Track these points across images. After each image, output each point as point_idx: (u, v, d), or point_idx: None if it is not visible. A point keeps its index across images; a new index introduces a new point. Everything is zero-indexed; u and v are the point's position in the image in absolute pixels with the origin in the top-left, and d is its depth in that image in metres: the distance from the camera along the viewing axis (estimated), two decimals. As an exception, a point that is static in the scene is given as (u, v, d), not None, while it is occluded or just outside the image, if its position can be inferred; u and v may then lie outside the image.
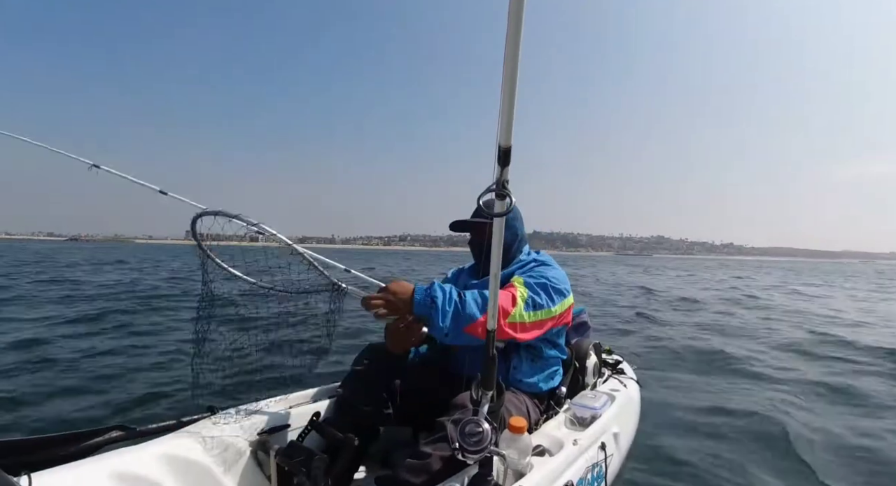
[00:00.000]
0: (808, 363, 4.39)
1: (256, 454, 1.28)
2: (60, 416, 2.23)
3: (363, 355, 1.52)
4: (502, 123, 0.63)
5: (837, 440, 2.54)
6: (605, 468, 1.52)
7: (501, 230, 0.84)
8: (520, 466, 1.17)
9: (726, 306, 9.46)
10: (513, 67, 0.55)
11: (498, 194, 0.70)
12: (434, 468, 1.16)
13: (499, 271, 0.89)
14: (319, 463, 1.15)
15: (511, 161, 0.67)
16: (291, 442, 1.25)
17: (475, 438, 1.04)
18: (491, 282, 0.92)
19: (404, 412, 1.50)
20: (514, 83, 0.57)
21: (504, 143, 0.65)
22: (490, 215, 0.73)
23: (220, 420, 1.29)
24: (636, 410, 2.11)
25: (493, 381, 1.10)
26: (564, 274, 1.60)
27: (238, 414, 1.33)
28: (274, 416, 1.37)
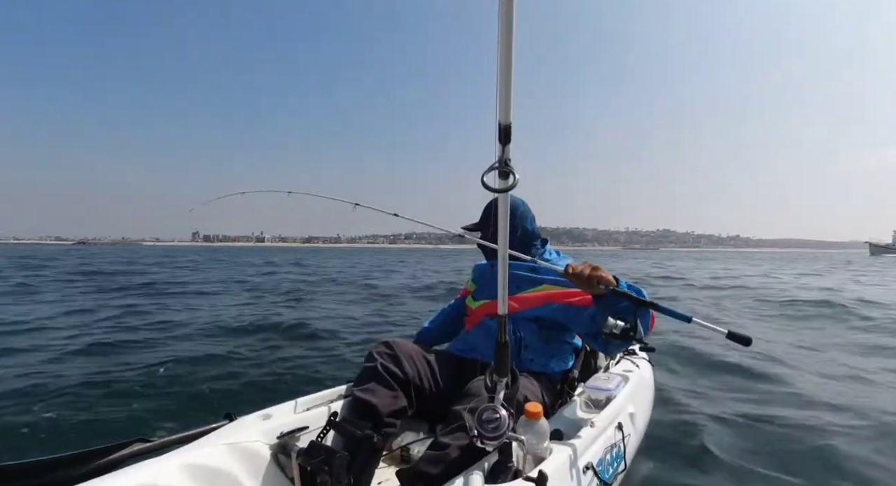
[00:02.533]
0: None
1: (277, 457, 1.29)
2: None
3: (374, 351, 1.53)
4: (500, 101, 0.63)
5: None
6: (623, 448, 1.53)
7: (507, 207, 0.84)
8: (539, 451, 1.18)
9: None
10: (507, 42, 0.55)
11: (501, 172, 0.71)
12: (453, 457, 1.16)
13: (506, 251, 0.89)
14: (341, 461, 1.16)
15: (512, 139, 0.67)
16: (311, 442, 1.25)
17: (493, 425, 1.04)
18: (499, 263, 0.92)
19: (420, 404, 1.51)
20: (509, 58, 0.56)
21: (503, 120, 0.65)
22: (494, 191, 0.74)
23: (238, 427, 1.29)
24: (650, 389, 2.12)
25: (507, 367, 1.11)
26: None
27: (256, 419, 1.33)
28: (292, 418, 1.38)
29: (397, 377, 1.47)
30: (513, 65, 0.58)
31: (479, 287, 1.85)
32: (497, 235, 0.89)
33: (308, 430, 1.36)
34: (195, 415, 2.40)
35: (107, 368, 3.26)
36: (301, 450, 1.22)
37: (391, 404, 1.43)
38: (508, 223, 0.87)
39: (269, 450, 1.27)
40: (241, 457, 1.21)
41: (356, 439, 1.26)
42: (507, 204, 0.84)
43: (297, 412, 1.42)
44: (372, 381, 1.45)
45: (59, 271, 13.51)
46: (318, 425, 1.36)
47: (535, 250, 1.81)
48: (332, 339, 4.50)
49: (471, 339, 1.73)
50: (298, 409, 1.45)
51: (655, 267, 21.15)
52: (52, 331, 4.72)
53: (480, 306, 1.77)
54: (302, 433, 1.35)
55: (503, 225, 0.86)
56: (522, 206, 1.82)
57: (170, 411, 2.50)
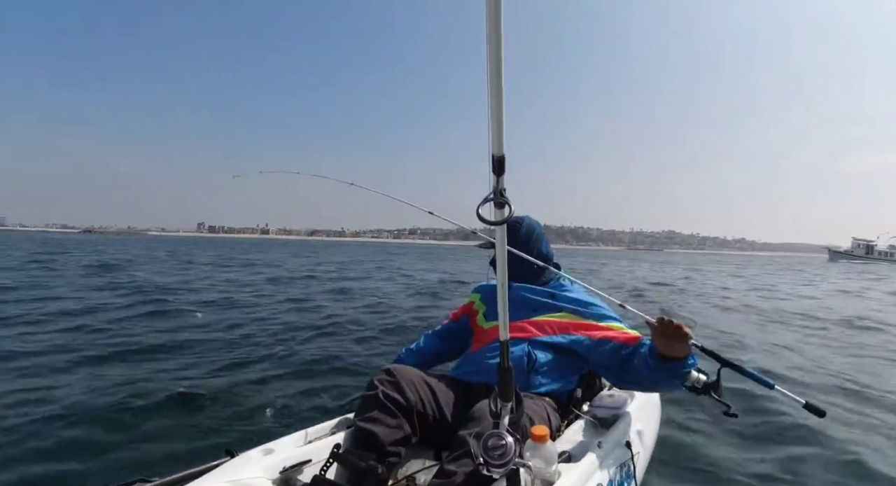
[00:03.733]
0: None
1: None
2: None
3: (375, 379, 1.51)
4: (493, 133, 0.63)
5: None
6: (633, 466, 1.51)
7: (504, 239, 0.84)
8: (547, 475, 1.16)
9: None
10: (497, 73, 0.55)
11: (496, 203, 0.71)
12: (459, 483, 1.14)
13: (506, 280, 0.89)
14: (345, 495, 1.13)
15: (506, 170, 0.67)
16: (315, 477, 1.22)
17: (499, 451, 1.03)
18: (499, 291, 0.92)
19: (424, 430, 1.49)
20: (500, 91, 0.57)
21: (497, 152, 0.65)
22: (490, 223, 0.74)
23: (240, 463, 1.27)
24: (657, 406, 2.10)
25: (511, 392, 1.10)
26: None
27: (257, 454, 1.31)
28: (293, 452, 1.35)
29: (399, 405, 1.45)
30: (504, 97, 0.58)
31: (493, 308, 1.83)
32: (512, 257, 0.89)
33: (311, 463, 1.34)
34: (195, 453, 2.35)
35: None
36: (304, 485, 1.20)
37: (394, 432, 1.41)
38: (522, 247, 0.88)
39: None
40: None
41: (360, 471, 1.24)
42: (504, 235, 0.84)
43: (298, 446, 1.40)
44: (374, 409, 1.43)
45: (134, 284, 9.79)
46: (320, 457, 1.33)
47: (549, 274, 1.86)
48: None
49: (476, 360, 1.71)
50: (300, 442, 1.42)
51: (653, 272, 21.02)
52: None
53: (493, 327, 1.76)
54: (305, 467, 1.32)
55: (501, 256, 0.86)
56: (538, 229, 1.89)
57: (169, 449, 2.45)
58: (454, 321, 2.00)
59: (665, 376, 1.41)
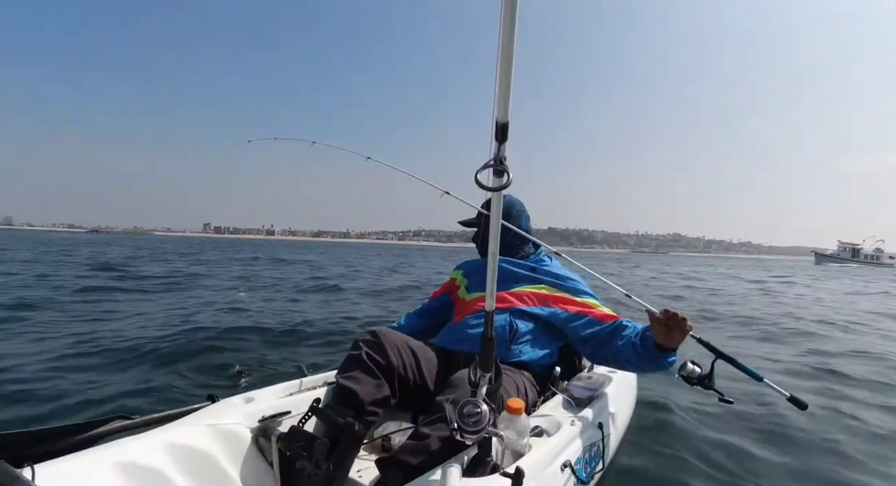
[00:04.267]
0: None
1: (258, 440, 1.29)
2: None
3: (360, 340, 1.53)
4: (499, 98, 0.62)
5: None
6: (602, 447, 1.54)
7: (500, 206, 0.84)
8: (518, 446, 1.18)
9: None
10: (509, 39, 0.54)
11: (495, 170, 0.70)
12: (433, 448, 1.17)
13: (496, 249, 0.89)
14: (321, 447, 1.16)
15: (509, 137, 0.66)
16: (292, 428, 1.25)
17: (473, 419, 1.05)
18: (489, 259, 0.92)
19: (403, 394, 1.52)
20: (510, 55, 0.56)
21: (501, 118, 0.64)
22: (488, 189, 0.73)
23: (221, 408, 1.29)
24: (633, 391, 2.14)
25: (491, 363, 1.11)
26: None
27: (239, 402, 1.33)
28: (274, 403, 1.38)
29: (381, 366, 1.47)
30: (514, 61, 0.57)
31: (475, 280, 1.88)
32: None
33: (290, 415, 1.36)
34: (178, 395, 2.39)
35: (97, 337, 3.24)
36: (282, 435, 1.22)
37: (374, 392, 1.43)
38: (501, 221, 0.88)
39: (250, 433, 1.27)
40: (222, 439, 1.21)
41: (337, 426, 1.26)
42: (501, 202, 0.84)
43: (279, 397, 1.42)
44: (356, 369, 1.45)
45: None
46: (300, 410, 1.36)
47: (528, 249, 1.93)
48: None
49: (459, 330, 1.73)
50: (282, 394, 1.45)
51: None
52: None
53: (475, 298, 1.80)
54: (284, 418, 1.35)
55: (495, 223, 0.86)
56: (518, 205, 1.93)
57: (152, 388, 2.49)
58: (434, 300, 2.04)
59: (649, 364, 1.48)
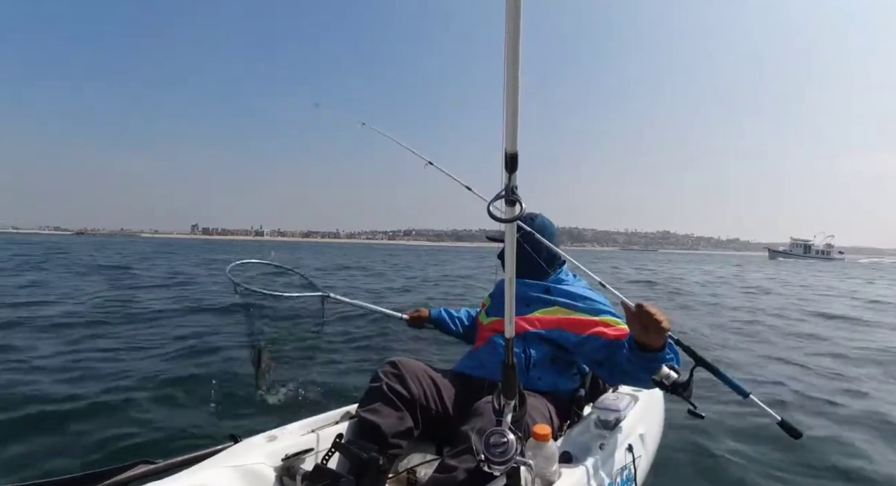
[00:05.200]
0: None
1: (282, 479, 1.27)
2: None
3: (380, 371, 1.51)
4: (507, 130, 0.63)
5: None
6: (634, 470, 1.50)
7: (514, 236, 0.83)
8: (548, 474, 1.16)
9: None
10: (514, 72, 0.55)
11: (508, 201, 0.71)
12: (460, 480, 1.15)
13: (513, 276, 0.89)
14: (346, 485, 1.14)
15: (519, 166, 0.67)
16: (316, 466, 1.24)
17: (500, 448, 1.03)
18: (506, 287, 0.92)
19: (426, 424, 1.49)
20: (516, 88, 0.57)
21: (510, 149, 0.65)
22: (500, 221, 0.74)
23: (243, 449, 1.28)
24: (661, 409, 2.09)
25: (514, 389, 1.09)
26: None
27: (261, 441, 1.32)
28: (297, 441, 1.36)
29: (403, 397, 1.45)
30: (520, 94, 0.58)
31: (494, 304, 1.85)
32: (520, 255, 0.90)
33: (313, 452, 1.35)
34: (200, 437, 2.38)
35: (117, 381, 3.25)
36: (306, 474, 1.21)
37: (397, 424, 1.41)
38: (525, 248, 0.88)
39: (273, 472, 1.26)
40: (247, 480, 1.20)
41: (361, 461, 1.25)
42: (514, 233, 0.84)
43: (302, 434, 1.41)
44: (377, 401, 1.44)
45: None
46: (323, 447, 1.34)
47: (553, 269, 1.83)
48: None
49: (478, 356, 1.71)
50: (304, 430, 1.43)
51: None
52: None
53: (491, 322, 1.77)
54: (307, 455, 1.33)
55: (510, 254, 0.86)
56: (550, 227, 1.87)
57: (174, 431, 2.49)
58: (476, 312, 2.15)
59: (637, 368, 1.36)
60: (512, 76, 0.56)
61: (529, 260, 1.76)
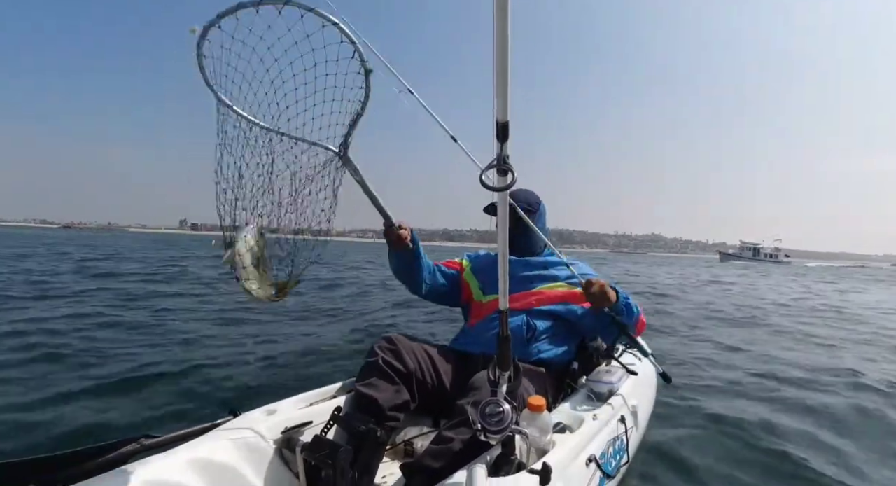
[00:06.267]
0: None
1: (282, 451, 1.30)
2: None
3: (376, 346, 1.53)
4: (497, 98, 0.63)
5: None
6: (626, 440, 1.54)
7: (506, 205, 0.84)
8: (542, 443, 1.18)
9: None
10: (503, 39, 0.54)
11: (499, 170, 0.71)
12: (456, 450, 1.17)
13: (506, 249, 0.89)
14: (345, 455, 1.16)
15: (510, 136, 0.67)
16: (315, 437, 1.26)
17: (496, 418, 1.05)
18: (500, 259, 0.92)
19: (422, 398, 1.52)
20: (505, 55, 0.56)
21: (501, 118, 0.65)
22: (493, 189, 0.74)
23: (243, 422, 1.30)
24: (653, 382, 2.13)
25: (509, 361, 1.11)
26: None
27: (260, 414, 1.34)
28: (295, 414, 1.38)
29: (399, 371, 1.48)
30: (510, 62, 0.58)
31: (489, 281, 1.86)
32: (516, 229, 0.90)
33: (312, 425, 1.37)
34: (200, 411, 2.41)
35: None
36: (305, 445, 1.23)
37: (393, 398, 1.44)
38: (515, 219, 0.88)
39: (273, 445, 1.28)
40: (247, 452, 1.23)
41: (359, 433, 1.27)
42: (507, 202, 0.84)
43: (300, 408, 1.43)
44: (374, 376, 1.45)
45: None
46: (321, 420, 1.37)
47: (545, 247, 1.94)
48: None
49: (476, 333, 1.74)
50: (302, 404, 1.45)
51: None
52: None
53: (491, 300, 1.79)
54: (306, 428, 1.35)
55: (503, 223, 0.86)
56: (541, 206, 1.94)
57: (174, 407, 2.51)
58: (448, 270, 1.95)
59: (611, 324, 1.68)
60: (501, 45, 0.55)
61: (530, 238, 1.86)
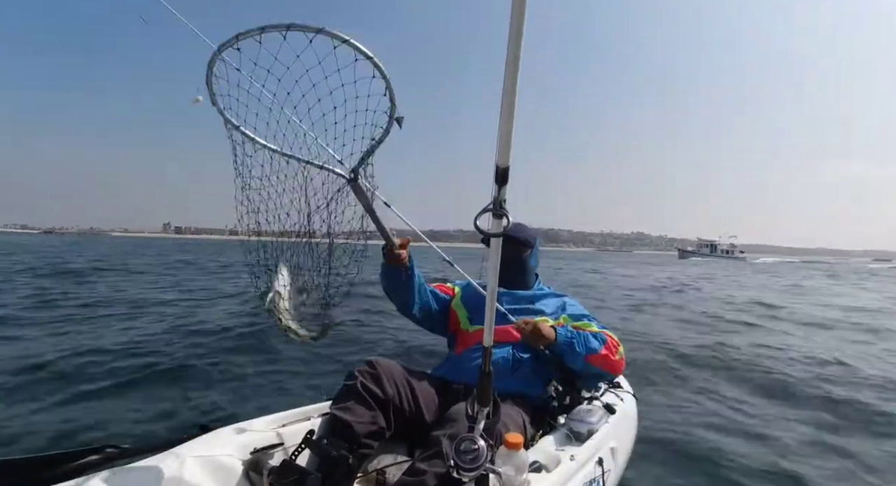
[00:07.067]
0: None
1: (249, 474, 1.26)
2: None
3: (356, 370, 1.51)
4: (500, 144, 0.63)
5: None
6: (602, 483, 1.51)
7: (499, 249, 0.84)
8: (516, 483, 1.16)
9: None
10: (512, 87, 0.55)
11: (495, 214, 0.71)
12: (428, 485, 1.15)
13: (496, 287, 0.89)
14: (313, 482, 1.13)
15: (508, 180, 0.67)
16: (284, 461, 1.22)
17: (471, 455, 1.03)
18: (488, 298, 0.92)
19: (399, 425, 1.49)
20: (512, 103, 0.57)
21: (502, 163, 0.65)
22: (487, 235, 0.74)
23: (212, 439, 1.26)
24: (633, 424, 2.10)
25: (489, 397, 1.10)
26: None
27: (230, 432, 1.30)
28: (267, 434, 1.35)
29: (377, 397, 1.45)
30: (515, 110, 0.58)
31: (476, 313, 1.87)
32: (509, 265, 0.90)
33: (282, 447, 1.34)
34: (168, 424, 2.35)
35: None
36: (273, 469, 1.20)
37: (369, 424, 1.41)
38: (498, 262, 0.88)
39: (241, 465, 1.24)
40: (213, 471, 1.19)
41: (331, 459, 1.24)
42: (499, 247, 0.84)
43: (273, 428, 1.39)
44: (350, 399, 1.42)
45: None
46: (293, 442, 1.33)
47: (533, 281, 1.99)
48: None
49: (460, 362, 1.72)
50: (274, 424, 1.42)
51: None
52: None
53: (476, 330, 1.79)
54: (276, 450, 1.32)
55: (494, 266, 0.86)
56: (537, 242, 1.97)
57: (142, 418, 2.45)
58: (440, 294, 1.95)
59: (559, 364, 1.69)
60: (510, 92, 0.56)
61: (522, 273, 1.91)
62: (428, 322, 1.92)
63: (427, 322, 1.91)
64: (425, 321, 1.91)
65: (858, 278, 22.28)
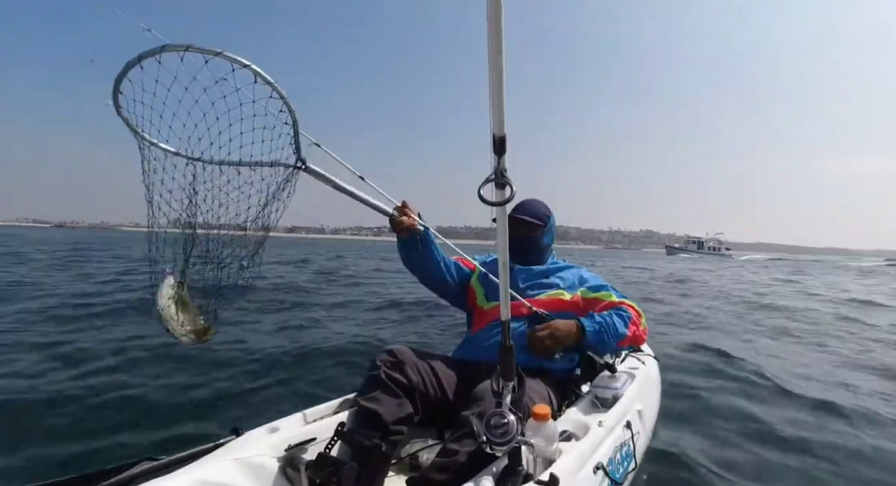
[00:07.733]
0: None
1: (286, 470, 1.28)
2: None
3: (377, 360, 1.52)
4: (494, 113, 0.63)
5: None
6: (633, 446, 1.53)
7: (505, 219, 0.84)
8: (548, 453, 1.17)
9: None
10: (498, 55, 0.55)
11: (497, 184, 0.71)
12: (462, 462, 1.16)
13: (507, 260, 0.89)
14: (350, 472, 1.15)
15: (507, 150, 0.67)
16: (320, 454, 1.24)
17: (501, 430, 1.04)
18: (500, 271, 0.92)
19: (426, 410, 1.51)
20: (500, 71, 0.56)
21: (498, 132, 0.65)
22: (491, 204, 0.73)
23: (246, 441, 1.29)
24: (657, 386, 2.12)
25: (512, 371, 1.11)
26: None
27: (263, 433, 1.33)
28: (298, 431, 1.37)
29: (401, 385, 1.46)
30: (504, 77, 0.58)
31: (491, 289, 1.85)
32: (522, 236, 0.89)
33: (316, 441, 1.36)
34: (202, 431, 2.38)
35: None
36: (309, 462, 1.22)
37: (397, 411, 1.42)
38: (507, 233, 0.88)
39: (277, 463, 1.27)
40: (250, 472, 1.21)
41: (364, 449, 1.26)
42: (506, 216, 0.84)
43: (303, 425, 1.42)
44: (376, 389, 1.44)
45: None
46: (325, 436, 1.35)
47: (548, 256, 1.97)
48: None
49: (478, 341, 1.73)
50: (305, 421, 1.44)
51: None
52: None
53: (493, 307, 1.78)
54: (310, 445, 1.34)
55: (502, 236, 0.86)
56: (551, 218, 1.93)
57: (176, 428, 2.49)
58: (460, 267, 1.95)
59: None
60: (496, 59, 0.55)
61: (536, 251, 1.89)
62: (450, 296, 1.93)
63: (449, 296, 1.93)
64: (447, 294, 1.92)
65: (820, 273, 22.29)
